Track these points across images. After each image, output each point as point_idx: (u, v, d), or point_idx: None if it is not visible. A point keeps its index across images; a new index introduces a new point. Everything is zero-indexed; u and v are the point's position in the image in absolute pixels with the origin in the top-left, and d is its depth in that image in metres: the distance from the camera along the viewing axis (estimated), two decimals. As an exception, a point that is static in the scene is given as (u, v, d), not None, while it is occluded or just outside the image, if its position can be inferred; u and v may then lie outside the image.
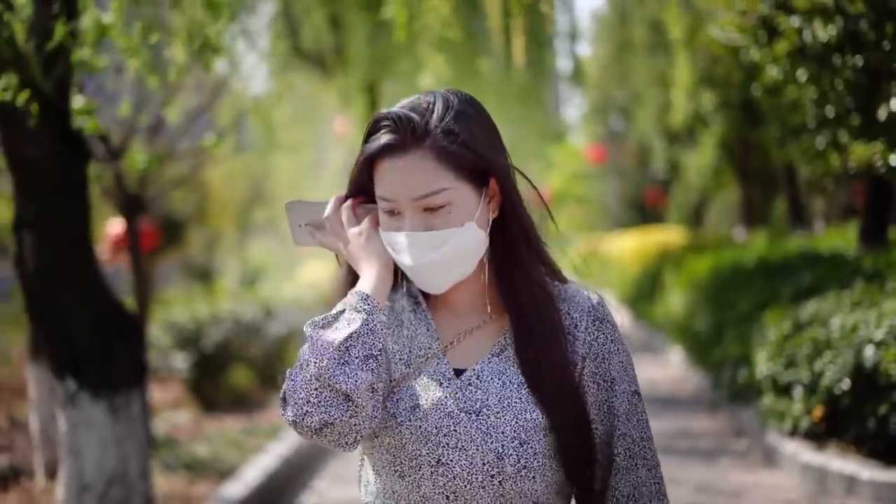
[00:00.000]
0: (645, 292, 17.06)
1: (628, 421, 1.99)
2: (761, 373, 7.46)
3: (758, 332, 8.13)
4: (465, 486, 1.91)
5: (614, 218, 33.71)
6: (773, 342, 7.44)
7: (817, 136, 7.52)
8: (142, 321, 5.33)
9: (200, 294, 14.86)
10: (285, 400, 1.90)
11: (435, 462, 1.92)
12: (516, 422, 1.92)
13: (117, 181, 7.79)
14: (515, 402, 1.94)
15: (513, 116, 14.55)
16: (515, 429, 1.92)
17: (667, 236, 21.55)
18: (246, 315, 10.88)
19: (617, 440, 1.98)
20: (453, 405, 1.94)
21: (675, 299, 13.23)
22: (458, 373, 1.99)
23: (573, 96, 36.28)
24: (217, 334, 10.01)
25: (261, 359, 10.87)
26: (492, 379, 1.97)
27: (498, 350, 2.00)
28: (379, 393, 1.90)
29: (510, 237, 1.99)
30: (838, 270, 8.17)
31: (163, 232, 14.89)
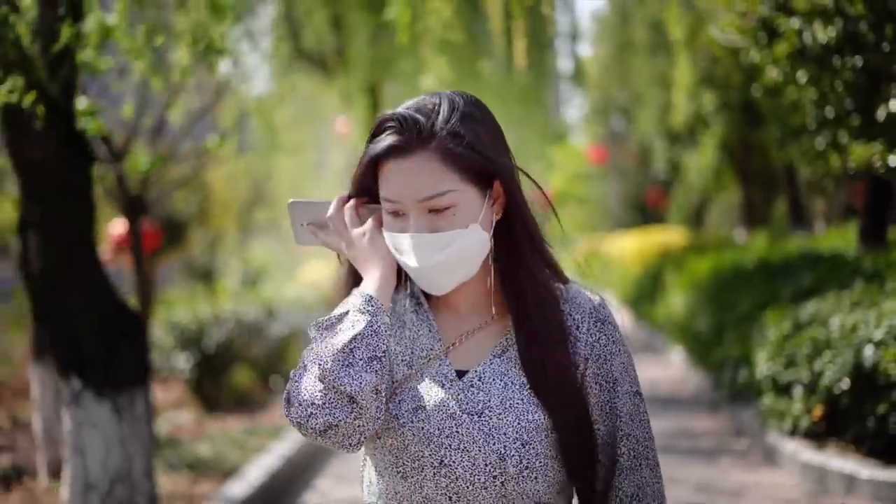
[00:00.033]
0: (646, 293, 17.06)
1: (631, 421, 1.99)
2: (761, 373, 7.48)
3: (758, 333, 8.14)
4: (468, 487, 1.91)
5: (615, 218, 33.71)
6: (774, 342, 7.46)
7: (817, 137, 7.53)
8: (144, 321, 5.35)
9: (202, 294, 14.86)
10: (289, 401, 1.90)
11: (437, 463, 1.92)
12: (518, 423, 1.92)
13: (119, 182, 7.81)
14: (517, 404, 1.94)
15: (514, 117, 14.54)
16: (517, 430, 1.92)
17: (668, 237, 21.54)
18: (248, 315, 10.87)
19: (620, 440, 1.98)
20: (455, 406, 1.94)
21: (676, 300, 13.23)
22: (460, 374, 1.98)
23: (574, 97, 36.39)
24: (219, 334, 10.01)
25: (263, 359, 10.87)
26: (494, 380, 1.96)
27: (500, 351, 1.99)
28: (382, 394, 1.90)
29: (514, 239, 1.98)
30: (838, 271, 8.18)
31: (164, 232, 14.91)
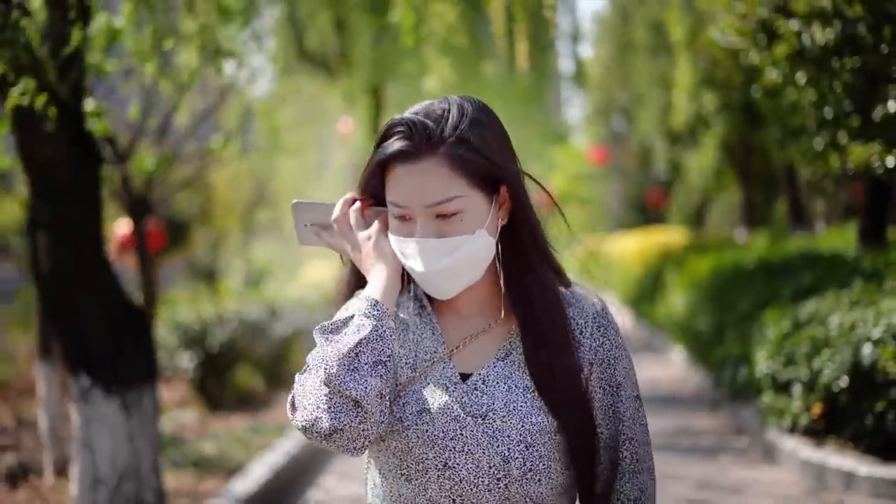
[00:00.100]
0: (647, 292, 17.09)
1: (633, 425, 2.01)
2: (761, 371, 7.52)
3: (758, 332, 8.18)
4: (472, 490, 1.92)
5: (616, 219, 33.70)
6: (773, 341, 7.50)
7: (816, 138, 7.56)
8: (150, 320, 5.42)
9: (205, 294, 14.91)
10: (294, 405, 1.90)
11: (441, 465, 1.93)
12: (522, 426, 1.93)
13: (124, 183, 7.87)
14: (521, 406, 1.95)
15: (515, 118, 14.56)
16: (521, 432, 1.93)
17: (668, 237, 21.56)
18: (251, 315, 10.91)
19: (623, 444, 2.00)
20: (459, 409, 1.95)
21: (677, 299, 13.26)
22: (464, 377, 1.99)
23: (575, 97, 36.41)
24: (222, 334, 10.05)
25: (266, 358, 10.91)
26: (497, 383, 1.97)
27: (503, 354, 2.00)
28: (387, 398, 1.89)
29: (520, 243, 1.99)
30: (837, 270, 8.21)
31: (168, 233, 14.98)
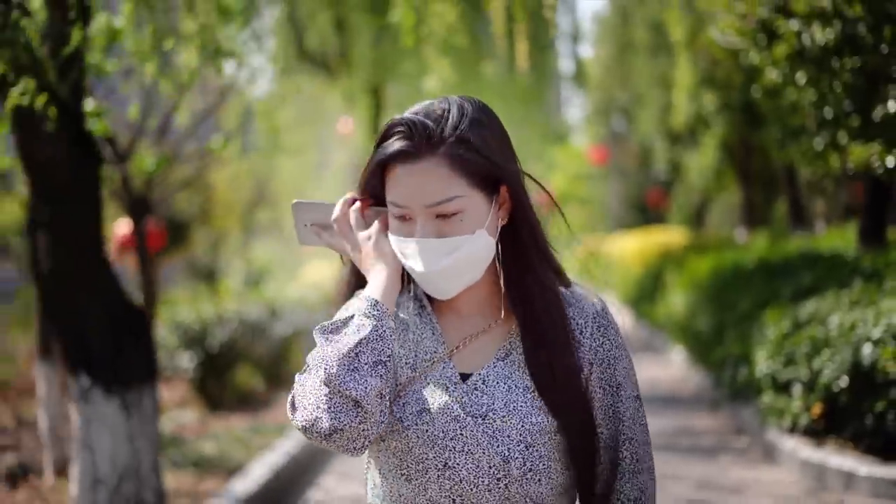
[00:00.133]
0: (647, 292, 17.10)
1: (633, 425, 2.01)
2: (761, 371, 7.53)
3: (758, 332, 8.18)
4: (471, 490, 1.92)
5: (616, 219, 33.71)
6: (773, 341, 7.50)
7: (816, 138, 7.57)
8: (150, 320, 5.42)
9: (205, 294, 14.92)
10: (294, 405, 1.90)
11: (441, 465, 1.93)
12: (522, 426, 1.93)
13: (124, 183, 7.87)
14: (521, 406, 1.95)
15: (515, 118, 14.56)
16: (521, 432, 1.93)
17: (668, 237, 21.58)
18: (251, 315, 10.91)
19: (623, 444, 2.00)
20: (459, 409, 1.95)
21: (677, 299, 13.26)
22: (464, 377, 1.99)
23: (575, 97, 36.42)
24: (222, 334, 10.05)
25: (266, 358, 10.92)
26: (497, 383, 1.97)
27: (503, 354, 2.00)
28: (387, 399, 1.89)
29: (521, 243, 1.99)
30: (837, 270, 8.21)
31: (168, 233, 14.98)
